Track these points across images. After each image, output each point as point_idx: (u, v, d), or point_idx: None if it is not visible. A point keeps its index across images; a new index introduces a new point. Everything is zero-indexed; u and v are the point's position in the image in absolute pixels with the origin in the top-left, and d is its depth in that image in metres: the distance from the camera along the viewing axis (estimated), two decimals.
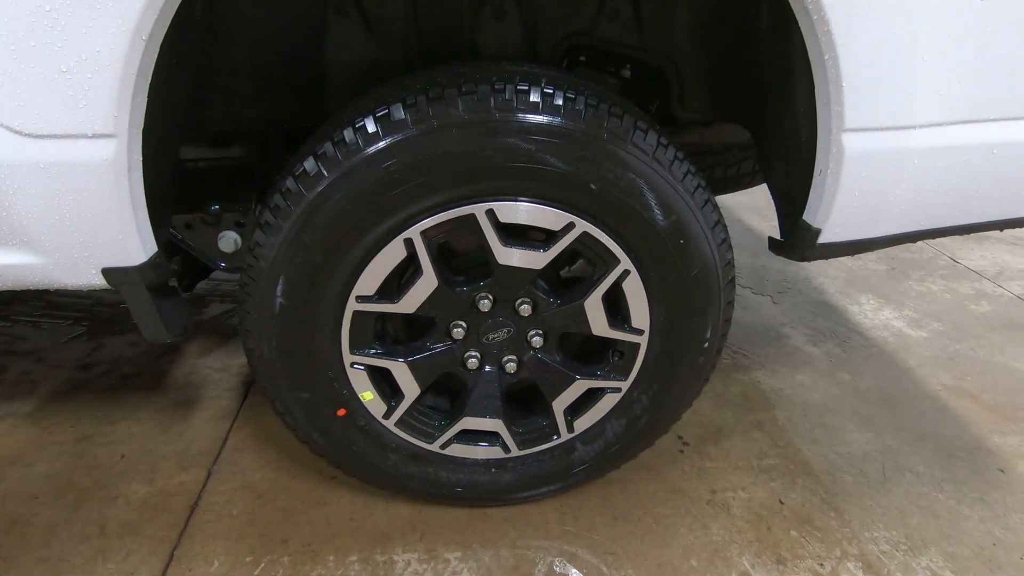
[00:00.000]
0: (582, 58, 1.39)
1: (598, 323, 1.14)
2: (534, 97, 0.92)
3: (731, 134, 1.76)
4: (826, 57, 0.91)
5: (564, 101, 0.92)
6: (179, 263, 1.37)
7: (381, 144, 0.91)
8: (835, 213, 1.06)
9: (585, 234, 1.03)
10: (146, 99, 0.85)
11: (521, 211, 1.00)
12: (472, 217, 0.99)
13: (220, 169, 1.39)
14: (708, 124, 1.72)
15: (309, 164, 0.94)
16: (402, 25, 1.21)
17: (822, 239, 1.10)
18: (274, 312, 1.03)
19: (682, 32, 1.23)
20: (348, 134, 0.92)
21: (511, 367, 1.20)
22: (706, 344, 1.18)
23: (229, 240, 1.31)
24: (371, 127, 0.91)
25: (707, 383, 1.27)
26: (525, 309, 1.13)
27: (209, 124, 1.22)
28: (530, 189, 0.98)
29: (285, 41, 1.19)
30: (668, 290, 1.10)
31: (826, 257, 1.15)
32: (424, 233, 1.00)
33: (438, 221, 0.99)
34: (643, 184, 0.99)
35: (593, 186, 0.97)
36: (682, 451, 1.56)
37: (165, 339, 1.08)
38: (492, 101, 0.90)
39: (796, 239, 1.12)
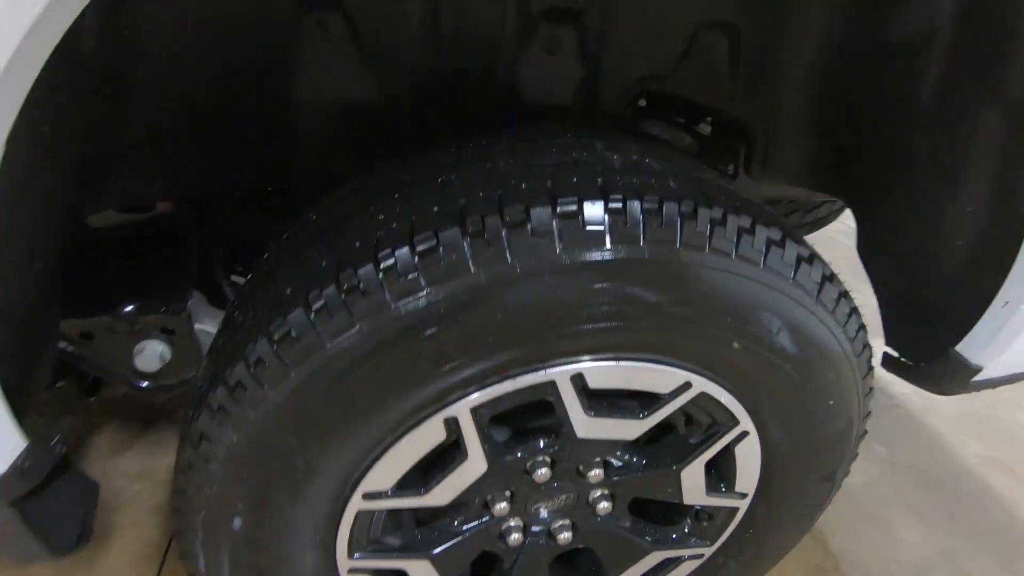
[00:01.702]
0: (641, 103, 1.05)
1: (694, 492, 0.84)
2: (672, 219, 0.58)
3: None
4: None
5: (710, 226, 0.59)
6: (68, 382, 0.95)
7: (423, 299, 0.55)
8: (1012, 351, 0.81)
9: (702, 394, 0.72)
10: None
11: (622, 372, 0.67)
12: (550, 385, 0.65)
13: (136, 244, 0.97)
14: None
15: (296, 322, 0.56)
16: (415, 55, 0.83)
17: (980, 376, 0.85)
18: (233, 530, 0.65)
19: (794, 83, 0.92)
20: (366, 275, 0.55)
21: (565, 537, 0.88)
22: (821, 507, 0.90)
23: (152, 354, 0.91)
24: (407, 270, 0.55)
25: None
26: (596, 475, 0.81)
27: (116, 197, 0.80)
28: (643, 343, 0.65)
29: (228, 75, 0.78)
30: (793, 453, 0.81)
31: (970, 391, 0.91)
32: (476, 410, 0.65)
33: (499, 393, 0.64)
34: (800, 336, 0.68)
35: (736, 344, 0.65)
36: None
37: (49, 559, 0.69)
38: (617, 228, 0.56)
39: (943, 373, 0.86)
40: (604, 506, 0.86)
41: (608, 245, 0.56)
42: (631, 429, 0.73)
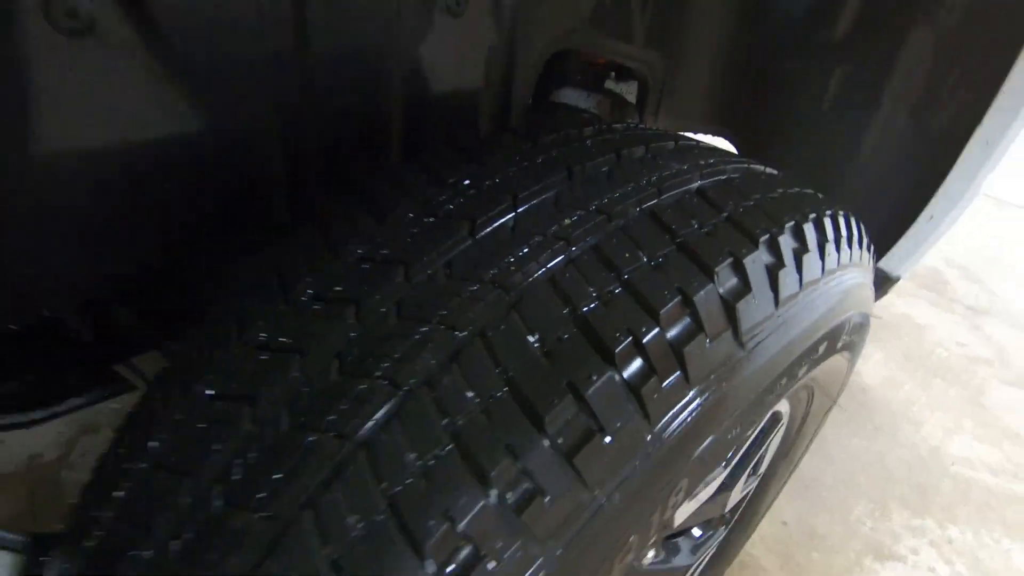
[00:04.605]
0: None
1: (735, 497, 0.76)
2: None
3: None
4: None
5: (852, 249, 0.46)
6: None
7: None
8: (918, 258, 0.89)
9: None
10: None
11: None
12: None
13: None
14: None
15: None
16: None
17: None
18: None
19: (700, 28, 0.82)
20: None
21: None
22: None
23: None
24: None
25: None
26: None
27: None
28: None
29: None
30: (817, 413, 0.79)
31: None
32: None
33: None
34: (863, 317, 0.61)
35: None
36: None
37: None
38: None
39: None
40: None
41: None
42: (709, 487, 0.60)
